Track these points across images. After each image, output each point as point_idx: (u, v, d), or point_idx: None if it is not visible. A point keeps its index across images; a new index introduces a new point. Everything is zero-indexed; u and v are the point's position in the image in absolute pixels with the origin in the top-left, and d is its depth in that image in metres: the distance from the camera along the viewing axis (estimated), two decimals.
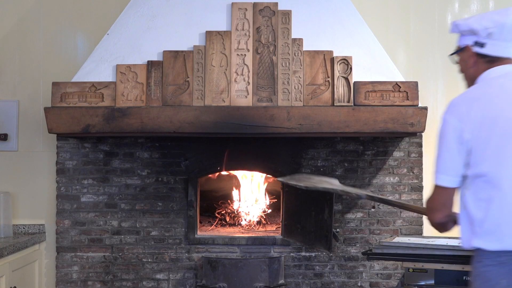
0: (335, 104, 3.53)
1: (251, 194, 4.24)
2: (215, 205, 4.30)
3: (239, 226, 4.18)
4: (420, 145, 3.96)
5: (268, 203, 4.25)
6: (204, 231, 4.05)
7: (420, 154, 3.95)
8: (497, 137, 2.11)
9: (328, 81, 3.56)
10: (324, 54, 3.58)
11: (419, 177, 3.94)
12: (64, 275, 3.92)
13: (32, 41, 4.07)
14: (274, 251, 3.92)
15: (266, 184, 4.24)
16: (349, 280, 3.93)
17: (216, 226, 4.17)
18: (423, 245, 2.83)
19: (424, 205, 2.69)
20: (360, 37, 3.67)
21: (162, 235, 3.93)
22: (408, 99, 3.52)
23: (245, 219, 4.18)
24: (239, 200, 4.22)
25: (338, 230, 3.89)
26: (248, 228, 4.14)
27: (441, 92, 4.09)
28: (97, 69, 3.62)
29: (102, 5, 4.08)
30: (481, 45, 2.26)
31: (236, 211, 4.22)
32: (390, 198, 3.64)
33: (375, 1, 4.10)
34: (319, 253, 3.93)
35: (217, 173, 4.11)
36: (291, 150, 3.96)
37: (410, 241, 2.91)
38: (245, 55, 3.59)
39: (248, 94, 3.56)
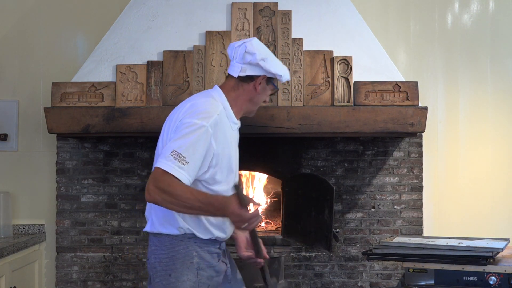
0: (335, 104, 3.53)
1: (251, 194, 4.24)
2: None
3: None
4: (420, 145, 3.96)
5: (267, 203, 4.25)
6: None
7: (420, 154, 3.95)
8: None
9: (328, 81, 3.56)
10: (324, 54, 3.58)
11: (419, 177, 3.94)
12: (64, 275, 3.92)
13: (32, 41, 4.07)
14: (274, 251, 3.92)
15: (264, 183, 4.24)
16: (349, 280, 3.93)
17: None
18: (423, 245, 2.82)
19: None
20: (360, 37, 3.67)
21: None
22: (408, 99, 3.52)
23: None
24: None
25: (338, 230, 3.89)
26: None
27: (441, 92, 4.09)
28: (97, 69, 3.62)
29: (102, 5, 4.08)
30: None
31: None
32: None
33: (375, 1, 4.10)
34: (319, 253, 3.93)
35: None
36: (291, 150, 3.96)
37: (410, 241, 2.91)
38: None
39: None
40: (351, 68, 3.55)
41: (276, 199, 4.21)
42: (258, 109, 3.47)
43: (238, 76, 2.49)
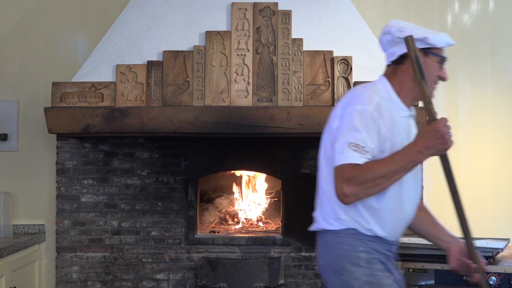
0: (335, 104, 3.52)
1: (251, 193, 4.24)
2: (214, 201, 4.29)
3: (240, 222, 4.17)
4: None
5: (267, 203, 4.25)
6: (205, 230, 4.05)
7: None
8: None
9: (328, 81, 3.56)
10: (324, 54, 3.58)
11: None
12: (64, 275, 3.92)
13: (32, 41, 4.07)
14: (274, 251, 3.92)
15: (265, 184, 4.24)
16: None
17: (216, 224, 4.18)
18: (423, 245, 2.83)
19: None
20: (360, 37, 3.67)
21: (162, 235, 3.93)
22: None
23: (245, 218, 4.18)
24: (241, 199, 4.22)
25: None
26: (247, 226, 4.13)
27: (441, 92, 4.09)
28: (97, 69, 3.62)
29: (102, 5, 4.08)
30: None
31: (236, 211, 4.23)
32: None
33: (375, 1, 4.11)
34: None
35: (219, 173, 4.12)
36: (291, 150, 3.95)
37: (410, 241, 2.91)
38: (245, 55, 3.59)
39: (248, 94, 3.56)
40: (351, 68, 3.55)
41: (276, 199, 4.21)
42: (258, 109, 3.49)
43: (392, 62, 2.36)
